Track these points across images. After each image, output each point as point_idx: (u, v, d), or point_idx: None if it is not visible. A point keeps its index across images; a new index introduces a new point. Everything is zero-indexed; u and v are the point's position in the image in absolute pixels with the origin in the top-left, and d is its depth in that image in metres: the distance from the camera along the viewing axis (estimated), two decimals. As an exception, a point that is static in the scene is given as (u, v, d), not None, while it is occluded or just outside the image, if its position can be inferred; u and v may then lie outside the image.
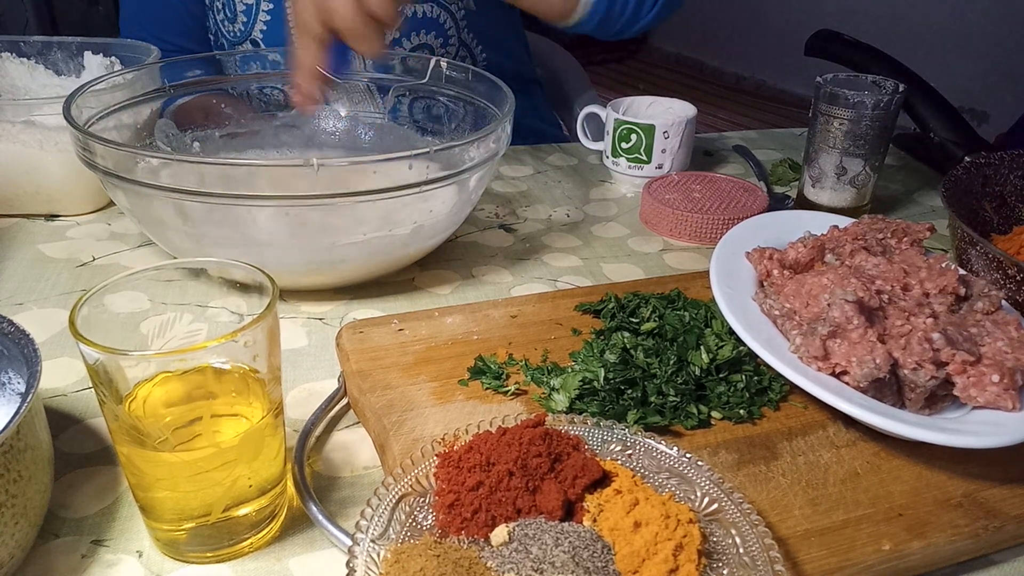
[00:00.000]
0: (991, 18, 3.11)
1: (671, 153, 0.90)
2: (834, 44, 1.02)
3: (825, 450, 0.49)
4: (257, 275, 0.42)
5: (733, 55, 4.23)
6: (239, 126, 0.82)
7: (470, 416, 0.50)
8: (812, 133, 0.83)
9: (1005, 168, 0.77)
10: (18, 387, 0.45)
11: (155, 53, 0.84)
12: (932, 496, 0.46)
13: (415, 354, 0.56)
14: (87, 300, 0.39)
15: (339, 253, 0.63)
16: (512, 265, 0.75)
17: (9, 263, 0.71)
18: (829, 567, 0.41)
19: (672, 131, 0.89)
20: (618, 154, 0.92)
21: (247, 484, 0.41)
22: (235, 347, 0.38)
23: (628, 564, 0.37)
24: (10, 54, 0.87)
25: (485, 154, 0.65)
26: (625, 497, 0.40)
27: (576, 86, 1.35)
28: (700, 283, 0.66)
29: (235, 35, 0.98)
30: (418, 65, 0.83)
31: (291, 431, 0.51)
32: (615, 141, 0.91)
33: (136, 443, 0.38)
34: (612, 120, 0.91)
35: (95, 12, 2.95)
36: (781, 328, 0.55)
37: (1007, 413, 0.48)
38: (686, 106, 0.96)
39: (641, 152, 0.90)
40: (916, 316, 0.52)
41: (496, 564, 0.37)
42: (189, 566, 0.43)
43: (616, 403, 0.50)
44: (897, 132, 0.94)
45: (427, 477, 0.42)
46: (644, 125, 0.89)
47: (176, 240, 0.64)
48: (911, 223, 0.64)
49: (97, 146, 0.59)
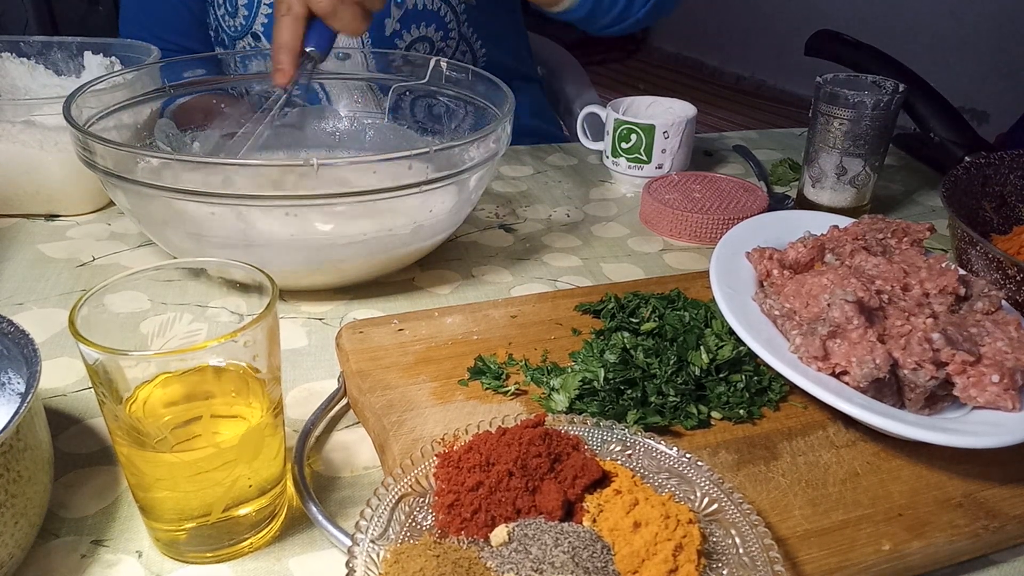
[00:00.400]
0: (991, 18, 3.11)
1: (671, 153, 0.90)
2: (834, 44, 1.02)
3: (825, 450, 0.49)
4: (257, 275, 0.42)
5: (733, 55, 4.23)
6: (239, 126, 0.82)
7: (470, 416, 0.50)
8: (812, 133, 0.83)
9: (1005, 168, 0.77)
10: (18, 387, 0.45)
11: (155, 53, 0.84)
12: (932, 496, 0.46)
13: (415, 354, 0.56)
14: (87, 300, 0.39)
15: (339, 253, 0.63)
16: (512, 265, 0.75)
17: (9, 263, 0.71)
18: (829, 567, 0.41)
19: (672, 131, 0.89)
20: (618, 154, 0.92)
21: (247, 484, 0.41)
22: (235, 347, 0.38)
23: (628, 564, 0.37)
24: (10, 54, 0.87)
25: (485, 154, 0.65)
26: (625, 497, 0.40)
27: (576, 86, 1.35)
28: (700, 283, 0.66)
29: (236, 30, 0.98)
30: (418, 65, 0.83)
31: (291, 431, 0.51)
32: (615, 141, 0.91)
33: (136, 443, 0.38)
34: (612, 120, 0.91)
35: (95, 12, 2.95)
36: (781, 328, 0.55)
37: (1007, 413, 0.48)
38: (686, 106, 0.96)
39: (641, 152, 0.90)
40: (916, 316, 0.52)
41: (496, 564, 0.37)
42: (189, 566, 0.43)
43: (616, 403, 0.50)
44: (897, 132, 0.94)
45: (427, 477, 0.42)
46: (644, 125, 0.89)
47: (176, 240, 0.64)
48: (911, 223, 0.64)
49: (97, 146, 0.59)
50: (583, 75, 1.37)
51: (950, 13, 3.24)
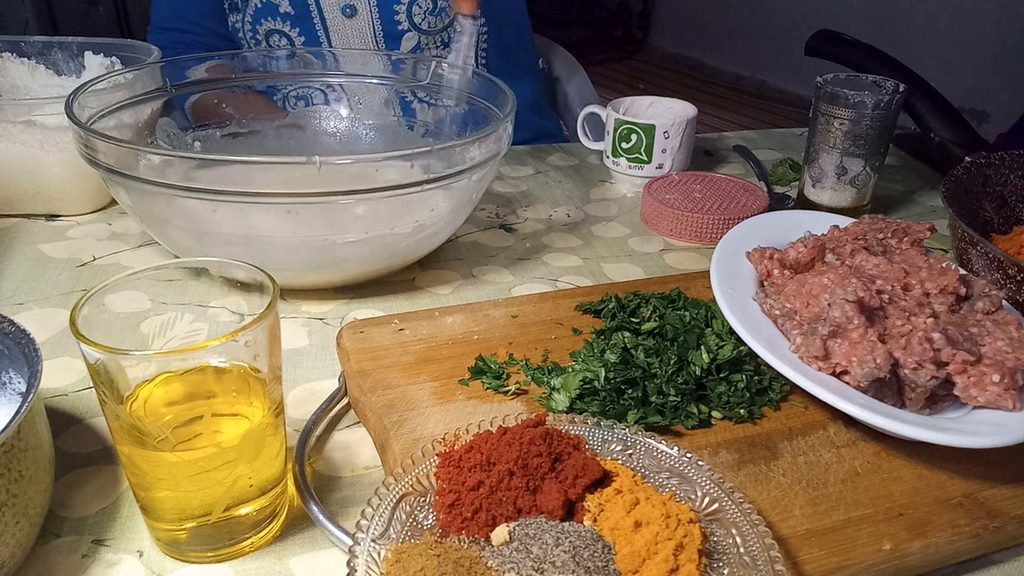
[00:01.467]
0: (991, 18, 3.11)
1: (671, 153, 0.90)
2: (834, 44, 1.02)
3: (825, 450, 0.49)
4: (258, 274, 0.42)
5: (733, 55, 4.23)
6: (241, 126, 0.82)
7: (470, 416, 0.50)
8: (812, 133, 0.83)
9: (1005, 168, 0.77)
10: (19, 387, 0.45)
11: (155, 53, 0.84)
12: (932, 496, 0.46)
13: (416, 354, 0.56)
14: (88, 300, 0.39)
15: (340, 252, 0.63)
16: (512, 265, 0.75)
17: (9, 263, 0.71)
18: (829, 567, 0.41)
19: (672, 131, 0.89)
20: (618, 154, 0.91)
21: (248, 484, 0.41)
22: (236, 347, 0.38)
23: (628, 564, 0.37)
24: (10, 54, 0.87)
25: (485, 154, 0.65)
26: (625, 497, 0.40)
27: (576, 86, 1.35)
28: (700, 283, 0.66)
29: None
30: (420, 65, 0.83)
31: (292, 431, 0.51)
32: (615, 141, 0.91)
33: (137, 443, 0.38)
34: (612, 120, 0.91)
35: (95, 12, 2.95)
36: (781, 328, 0.55)
37: (1007, 413, 0.48)
38: (686, 106, 0.96)
39: (641, 152, 0.90)
40: (916, 316, 0.52)
41: (497, 564, 0.37)
42: (190, 566, 0.43)
43: (616, 403, 0.50)
44: (897, 132, 0.94)
45: (427, 477, 0.42)
46: (644, 125, 0.88)
47: (177, 238, 0.64)
48: (911, 223, 0.64)
49: (99, 143, 0.59)
50: (583, 75, 1.37)
51: (950, 13, 3.24)
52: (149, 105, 0.76)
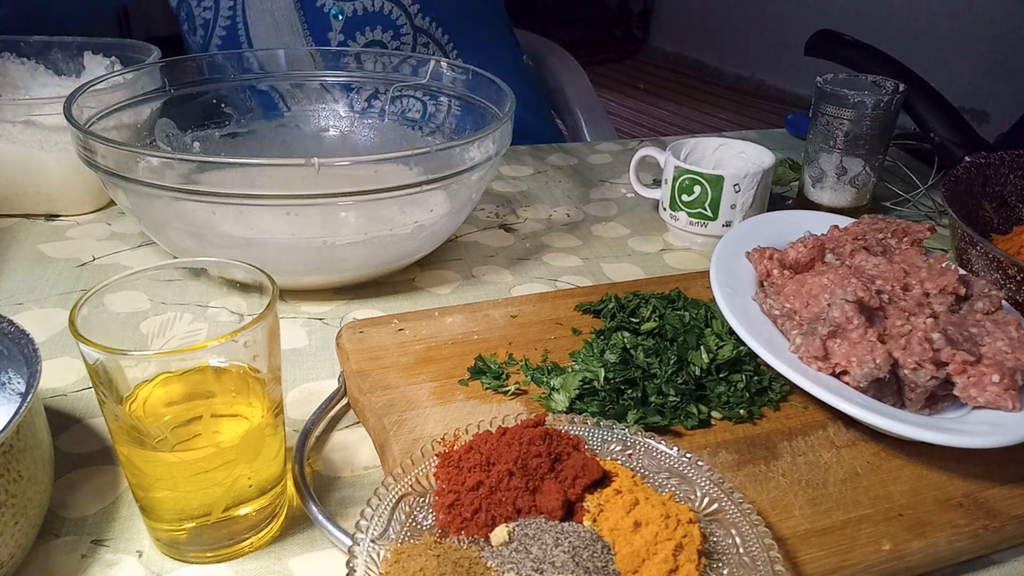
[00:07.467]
0: (991, 18, 3.11)
1: (742, 209, 0.74)
2: (834, 44, 1.02)
3: (825, 450, 0.49)
4: (257, 275, 0.42)
5: (733, 55, 4.23)
6: (240, 125, 0.83)
7: (470, 416, 0.50)
8: (812, 133, 0.83)
9: (1005, 168, 0.77)
10: (18, 387, 0.45)
11: (155, 53, 0.84)
12: (932, 496, 0.46)
13: (415, 354, 0.56)
14: (87, 300, 0.39)
15: (339, 253, 0.63)
16: (512, 265, 0.75)
17: (9, 263, 0.71)
18: (829, 567, 0.41)
19: (744, 184, 0.73)
20: (677, 207, 0.76)
21: (247, 484, 0.41)
22: (235, 347, 0.38)
23: (628, 564, 0.37)
24: (10, 54, 0.87)
25: (485, 154, 0.65)
26: (625, 497, 0.40)
27: (575, 86, 1.35)
28: (700, 283, 0.66)
29: None
30: (418, 65, 0.83)
31: (291, 431, 0.51)
32: (674, 192, 0.76)
33: (136, 443, 0.38)
34: (672, 167, 0.76)
35: (95, 12, 2.94)
36: (781, 328, 0.55)
37: (1007, 413, 0.48)
38: (761, 152, 0.80)
39: (706, 207, 0.75)
40: (916, 316, 0.52)
41: (496, 564, 0.37)
42: (189, 566, 0.43)
43: (616, 403, 0.50)
44: (897, 132, 0.94)
45: (427, 477, 0.42)
46: (711, 177, 0.73)
47: (177, 239, 0.64)
48: (911, 223, 0.64)
49: (98, 146, 0.59)
50: (583, 75, 1.37)
51: (950, 13, 3.24)
52: (149, 105, 0.76)
